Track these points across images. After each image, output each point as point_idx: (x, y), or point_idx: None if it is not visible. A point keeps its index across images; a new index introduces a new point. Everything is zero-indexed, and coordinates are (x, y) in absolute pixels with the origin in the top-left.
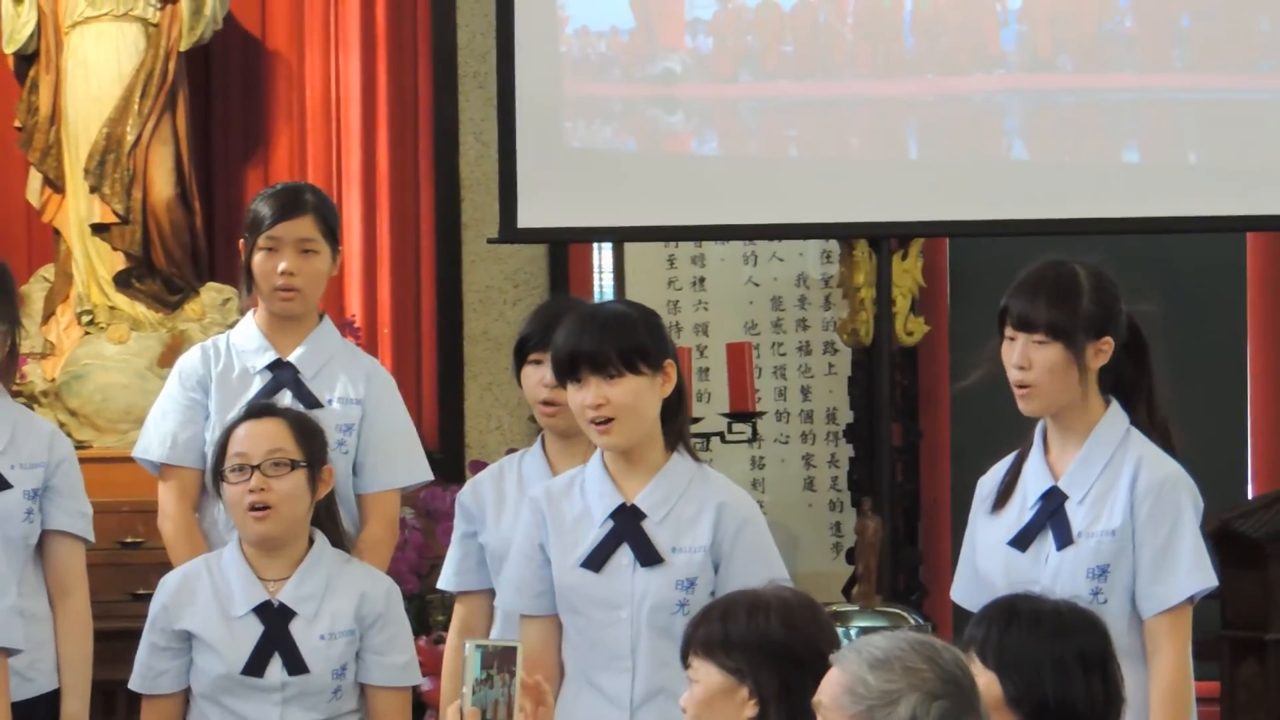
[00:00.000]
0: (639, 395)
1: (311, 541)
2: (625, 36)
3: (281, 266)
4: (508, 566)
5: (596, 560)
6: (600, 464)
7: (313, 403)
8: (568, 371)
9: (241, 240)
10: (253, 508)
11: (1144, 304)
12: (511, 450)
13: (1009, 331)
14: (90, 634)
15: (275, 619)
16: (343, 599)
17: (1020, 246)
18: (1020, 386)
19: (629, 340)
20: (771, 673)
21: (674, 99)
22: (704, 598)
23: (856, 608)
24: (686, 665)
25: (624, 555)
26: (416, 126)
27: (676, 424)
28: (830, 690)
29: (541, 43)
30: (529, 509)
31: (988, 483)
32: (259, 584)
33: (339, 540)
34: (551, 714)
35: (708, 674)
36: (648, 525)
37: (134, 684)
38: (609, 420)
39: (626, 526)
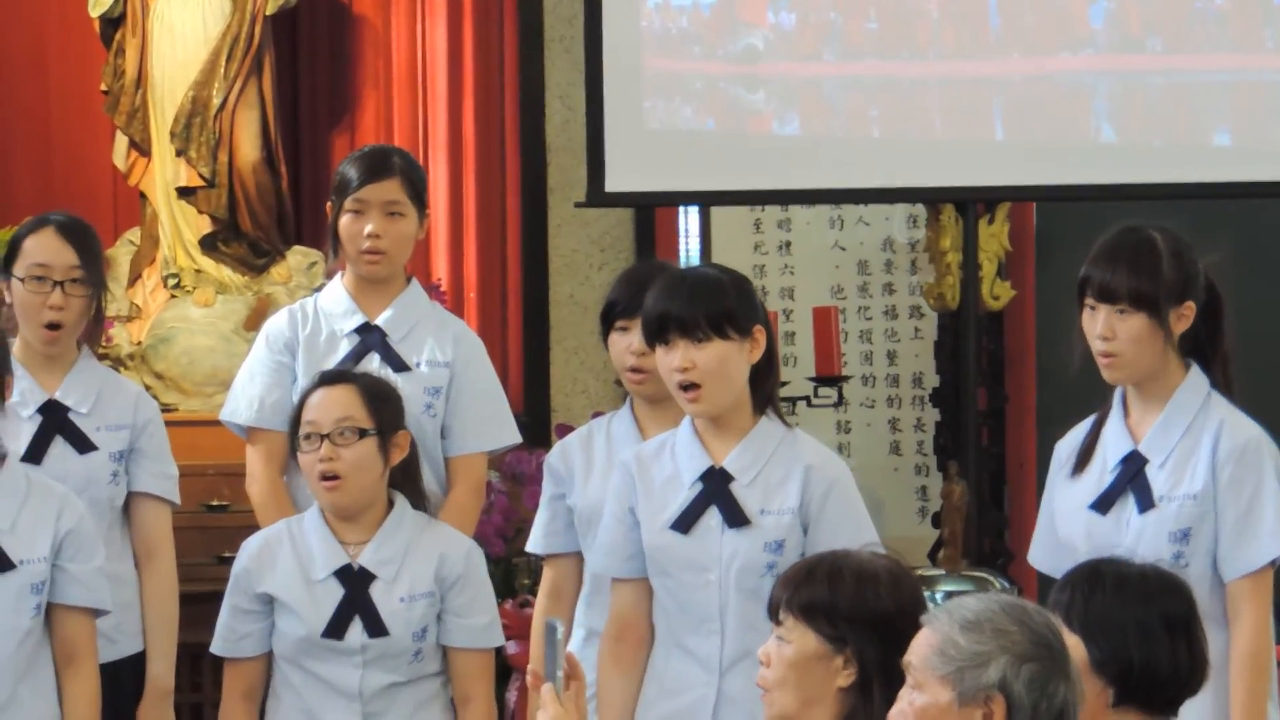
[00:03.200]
0: (725, 360)
1: (391, 504)
2: (706, 12)
3: (368, 229)
4: (599, 530)
5: (685, 522)
6: (690, 427)
7: (400, 366)
8: (656, 334)
9: (328, 203)
10: (323, 477)
11: (1214, 254)
12: (598, 414)
13: (1090, 301)
14: (175, 597)
15: (355, 582)
16: (422, 561)
17: (1108, 212)
18: (1104, 356)
19: (717, 305)
20: (876, 644)
21: (755, 77)
22: (793, 559)
23: (942, 572)
24: (777, 622)
25: (712, 517)
26: (503, 90)
27: (765, 388)
28: (920, 651)
29: (624, 15)
30: (619, 472)
31: (1066, 446)
32: (339, 547)
33: (420, 503)
34: (583, 687)
35: (803, 637)
36: (736, 488)
37: (216, 647)
38: (696, 386)
39: (715, 489)
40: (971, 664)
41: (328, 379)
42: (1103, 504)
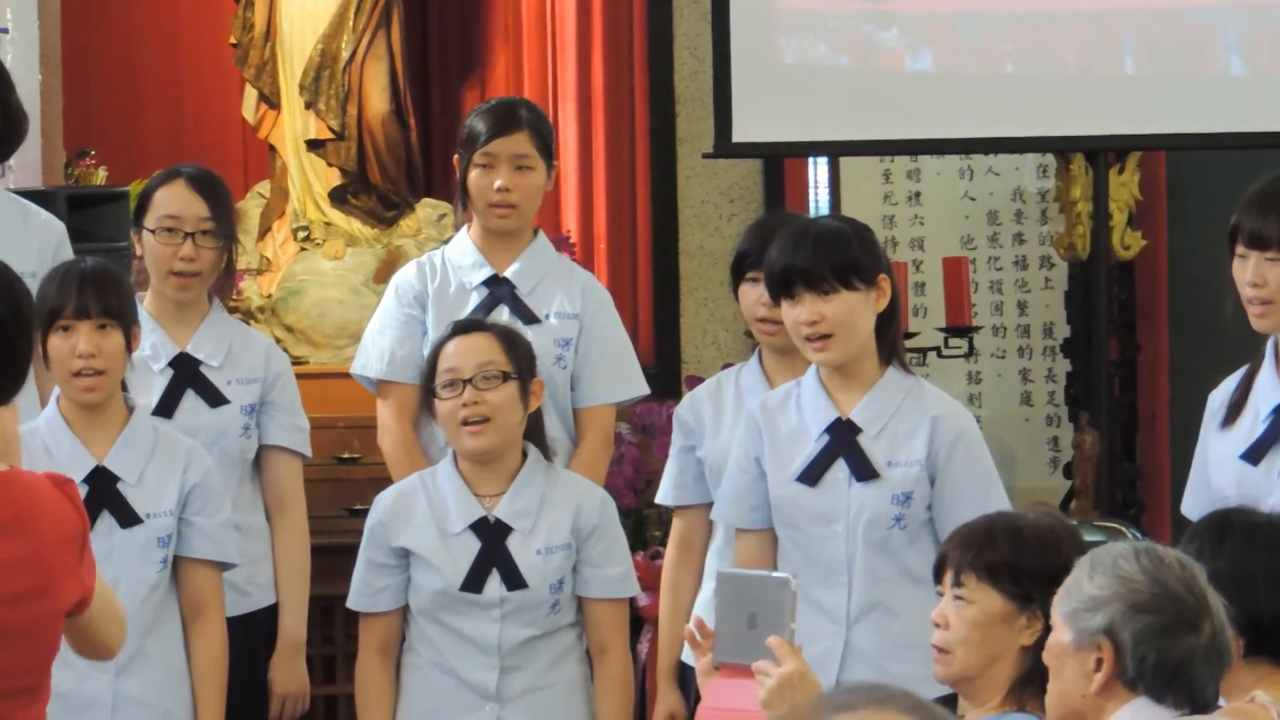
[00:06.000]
0: (853, 310)
1: (524, 456)
2: None
3: (497, 183)
4: (725, 480)
5: (812, 474)
6: (816, 378)
7: (530, 318)
8: (782, 288)
9: (456, 156)
10: (467, 421)
11: None
12: (728, 365)
13: (1240, 249)
14: (307, 549)
15: (492, 535)
16: (558, 513)
17: (1239, 161)
18: (1256, 304)
19: (843, 255)
20: None
21: (887, 15)
22: (920, 512)
23: (1074, 522)
24: (956, 583)
25: (840, 470)
26: (631, 42)
27: (889, 337)
28: (1059, 593)
29: None
30: (745, 423)
31: (1219, 396)
32: (475, 500)
33: (546, 455)
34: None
35: (988, 597)
36: (863, 440)
37: (352, 602)
38: (825, 336)
39: (842, 441)
40: (1086, 607)
41: (463, 327)
42: (1254, 454)
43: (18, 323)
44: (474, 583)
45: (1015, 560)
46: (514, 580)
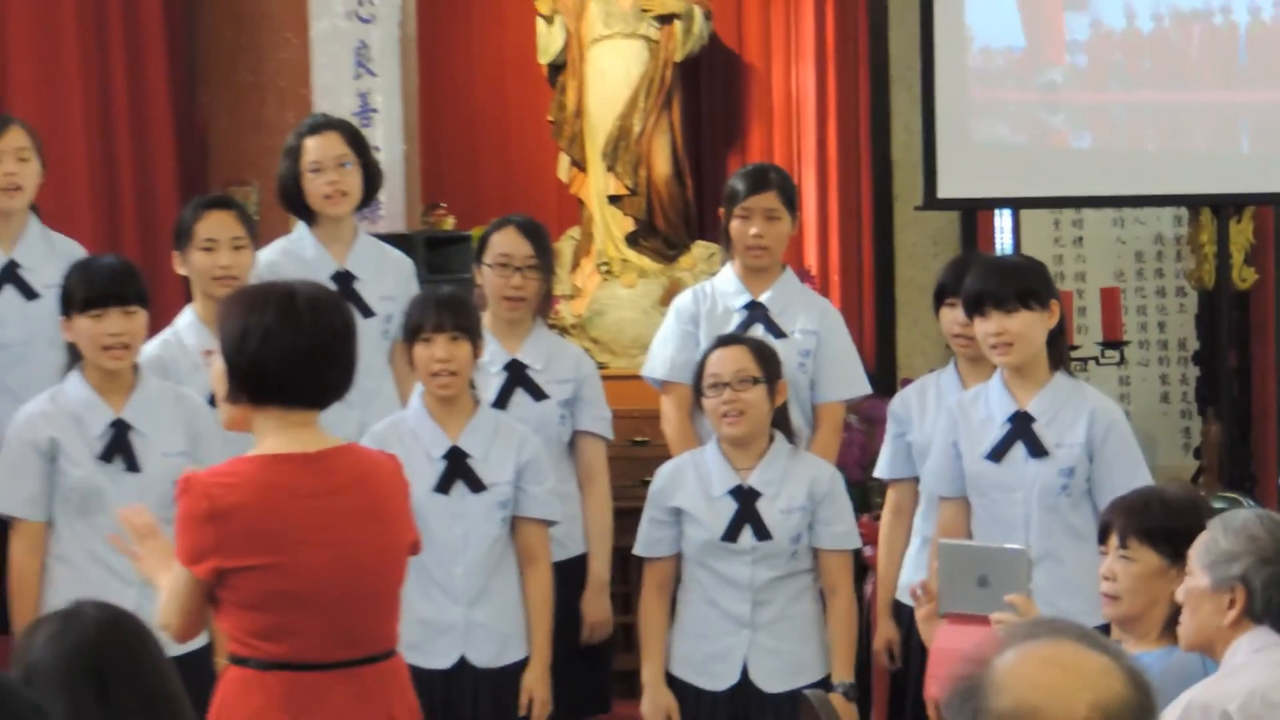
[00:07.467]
0: (1030, 326)
1: (771, 439)
2: (1018, 53)
3: (753, 231)
4: (930, 459)
5: (998, 454)
6: (1000, 379)
7: (779, 334)
8: (975, 307)
9: (722, 209)
10: (726, 415)
11: None
12: (931, 370)
13: None
14: (610, 511)
15: (746, 498)
16: (797, 482)
17: None
18: None
19: (1023, 283)
20: None
21: (1056, 104)
22: (1081, 483)
23: (1202, 494)
24: (1122, 545)
25: (1019, 450)
26: (857, 118)
27: (1058, 348)
28: (1195, 545)
29: (953, 57)
30: (946, 415)
31: None
32: (733, 472)
33: (790, 439)
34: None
35: (1147, 555)
36: (1037, 427)
37: (638, 549)
38: (1008, 345)
39: (1021, 428)
40: (1223, 559)
41: (725, 341)
42: None
43: (350, 334)
44: (731, 535)
45: (1169, 525)
46: (762, 533)
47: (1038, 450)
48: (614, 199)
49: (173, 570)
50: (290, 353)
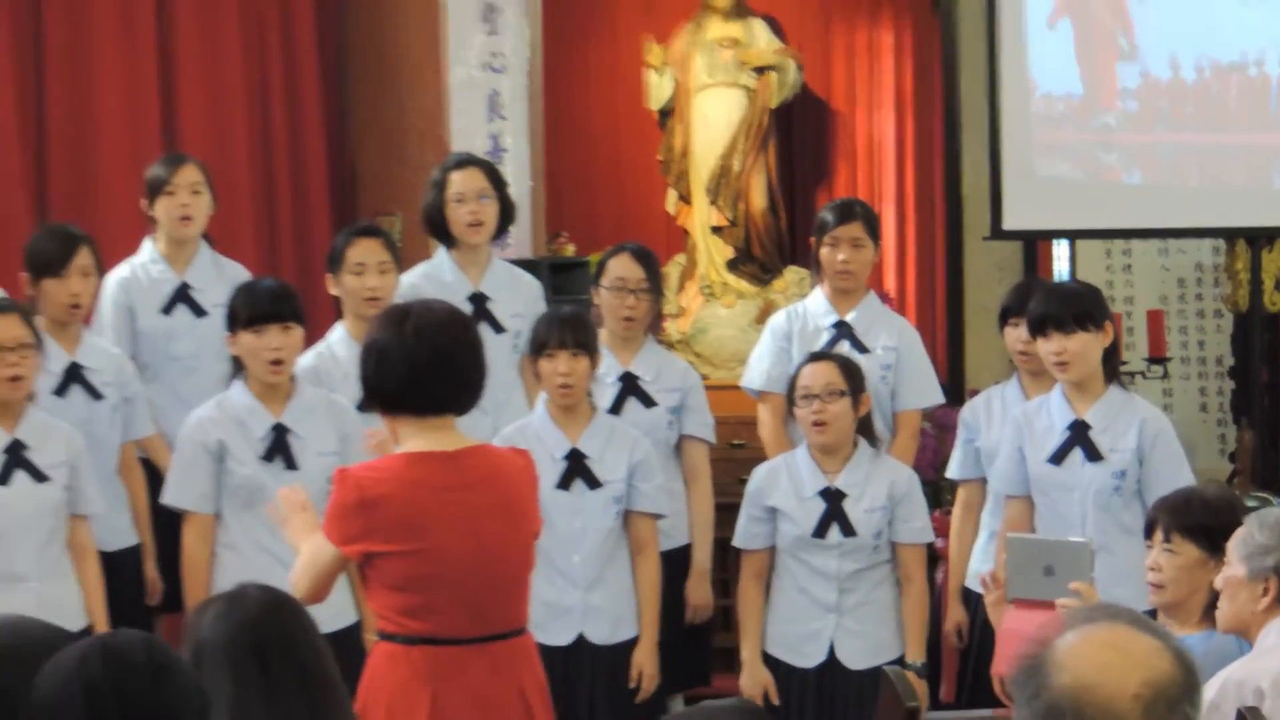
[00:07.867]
0: (1086, 345)
1: (856, 445)
2: (1076, 99)
3: (840, 258)
4: (997, 462)
5: (1058, 457)
6: (1060, 392)
7: (863, 349)
8: (1038, 328)
9: (812, 239)
10: (815, 423)
11: None
12: (997, 383)
13: None
14: (712, 506)
15: (833, 499)
16: (879, 484)
17: None
18: None
19: (1080, 307)
20: None
21: (1110, 144)
22: (1132, 484)
23: (1236, 494)
24: (1165, 538)
25: (1077, 454)
26: (932, 158)
27: (1112, 364)
28: (1233, 540)
29: (1018, 103)
30: (1012, 423)
31: None
32: (822, 474)
33: (873, 444)
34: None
35: (1189, 549)
36: (1093, 434)
37: (737, 541)
38: (1066, 363)
39: (1079, 434)
40: (1258, 552)
41: (815, 357)
42: None
43: (461, 349)
44: (820, 531)
45: (1208, 522)
46: (848, 530)
47: (1094, 455)
48: (716, 229)
49: (314, 541)
50: (399, 368)
